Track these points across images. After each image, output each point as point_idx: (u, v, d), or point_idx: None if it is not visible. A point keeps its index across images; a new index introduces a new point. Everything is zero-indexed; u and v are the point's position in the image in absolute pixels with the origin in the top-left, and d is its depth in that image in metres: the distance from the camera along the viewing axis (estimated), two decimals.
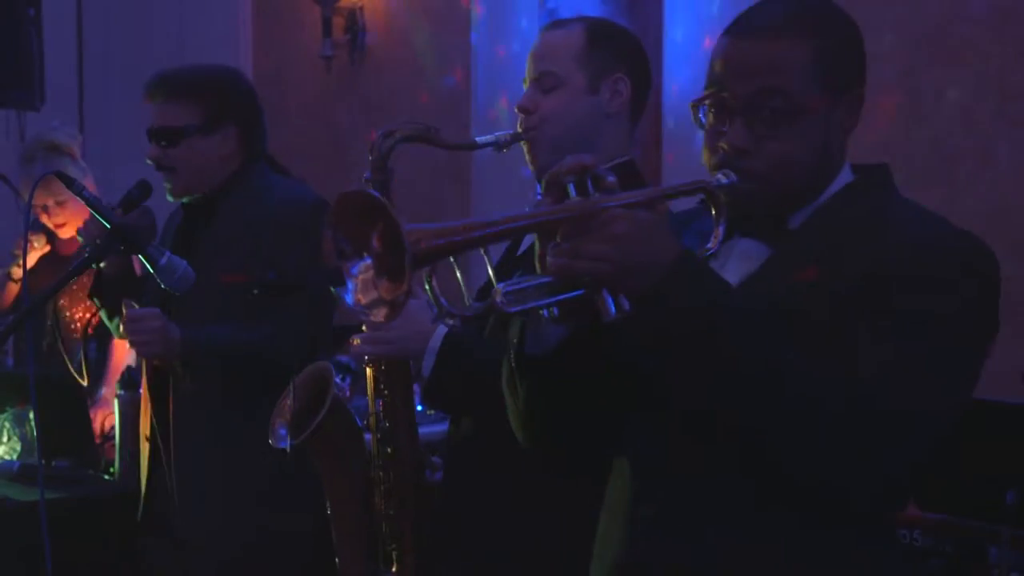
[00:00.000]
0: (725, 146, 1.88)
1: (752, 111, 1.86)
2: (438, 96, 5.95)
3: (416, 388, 2.69)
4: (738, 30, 1.92)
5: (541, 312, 1.78)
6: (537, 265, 1.79)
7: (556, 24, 2.71)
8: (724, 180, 1.87)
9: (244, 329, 3.34)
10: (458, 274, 1.75)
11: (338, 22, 6.25)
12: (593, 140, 2.57)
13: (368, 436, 2.73)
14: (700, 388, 1.78)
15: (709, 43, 4.96)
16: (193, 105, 3.44)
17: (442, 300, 1.70)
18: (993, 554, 3.37)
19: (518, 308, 1.75)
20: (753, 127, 1.87)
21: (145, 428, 3.53)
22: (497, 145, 2.64)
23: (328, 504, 2.79)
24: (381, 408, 2.66)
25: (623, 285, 1.73)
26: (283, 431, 2.74)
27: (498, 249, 2.71)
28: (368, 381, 2.68)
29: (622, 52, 2.64)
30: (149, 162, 3.48)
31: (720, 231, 1.87)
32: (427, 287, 1.70)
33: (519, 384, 1.94)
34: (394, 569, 2.66)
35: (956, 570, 3.34)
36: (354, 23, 6.22)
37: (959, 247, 1.82)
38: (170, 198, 3.52)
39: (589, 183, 1.77)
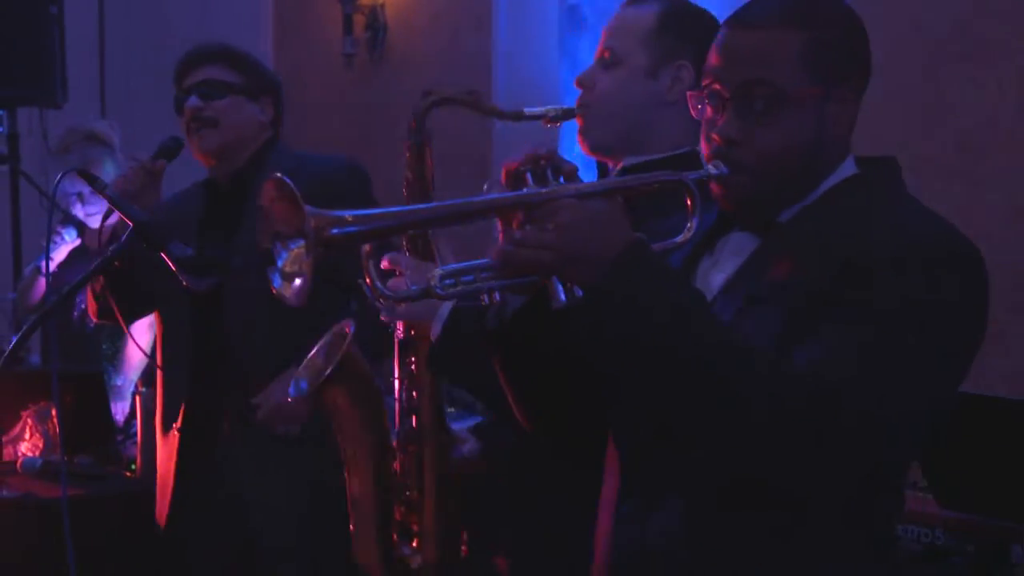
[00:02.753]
0: (716, 136, 1.88)
1: (741, 101, 1.86)
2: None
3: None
4: (734, 22, 1.91)
5: (482, 297, 1.81)
6: None
7: (634, 1, 2.57)
8: (714, 171, 1.87)
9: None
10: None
11: (359, 19, 6.25)
12: (649, 126, 2.49)
13: (390, 403, 2.71)
14: (645, 384, 1.77)
15: None
16: (238, 70, 3.51)
17: (377, 283, 1.76)
18: (1016, 553, 3.35)
19: (455, 292, 1.77)
20: (743, 117, 1.86)
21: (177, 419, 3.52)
22: (545, 118, 2.54)
23: (346, 473, 2.74)
24: (406, 377, 2.63)
25: (567, 275, 1.73)
26: (304, 385, 2.70)
27: None
28: (395, 348, 2.65)
29: (691, 38, 2.50)
30: (186, 114, 3.45)
31: (694, 223, 1.87)
32: (367, 271, 1.76)
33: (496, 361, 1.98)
34: (415, 544, 2.64)
35: (978, 569, 3.32)
36: (375, 20, 6.22)
37: (939, 242, 1.78)
38: (198, 154, 3.50)
39: (549, 172, 1.80)
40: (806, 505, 1.79)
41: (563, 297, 1.74)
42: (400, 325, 2.61)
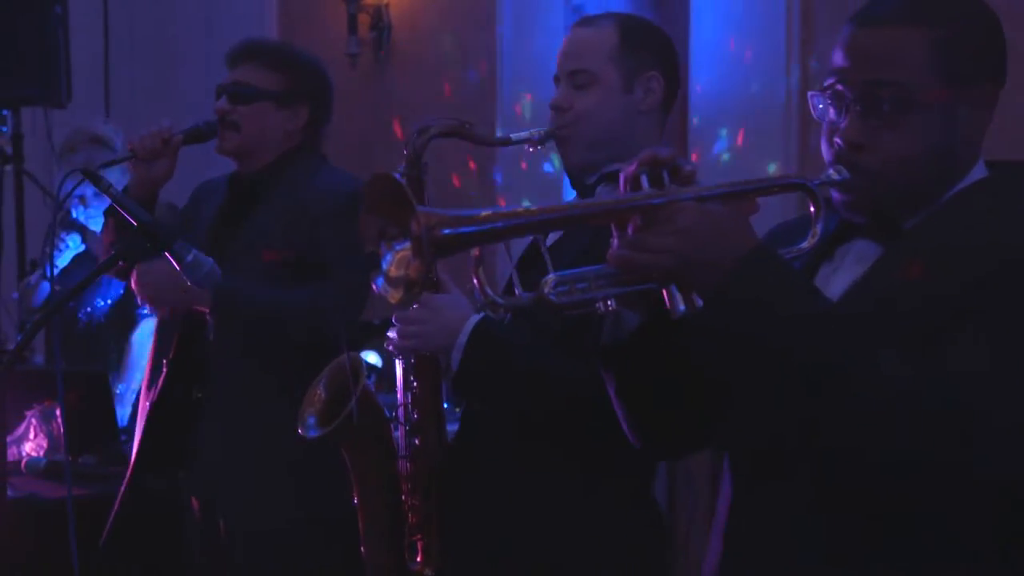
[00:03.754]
0: (840, 140, 1.79)
1: (867, 104, 1.76)
2: (464, 93, 5.94)
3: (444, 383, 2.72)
4: (860, 19, 1.81)
5: (596, 305, 1.70)
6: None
7: (587, 21, 2.70)
8: (836, 177, 1.78)
9: (280, 291, 3.36)
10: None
11: (363, 20, 6.24)
12: (627, 138, 2.57)
13: (396, 429, 2.75)
14: (771, 394, 1.70)
15: (735, 41, 4.94)
16: (276, 74, 3.48)
17: (487, 290, 1.67)
18: None
19: (569, 299, 1.69)
20: (868, 121, 1.77)
21: (152, 393, 3.52)
22: (531, 141, 2.63)
23: (355, 495, 2.80)
24: (410, 400, 2.68)
25: (688, 280, 1.66)
26: (312, 420, 2.75)
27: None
28: (398, 375, 2.70)
29: (655, 50, 2.65)
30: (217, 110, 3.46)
31: (818, 228, 1.78)
32: (477, 276, 1.67)
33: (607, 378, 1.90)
34: (419, 559, 2.67)
35: None
36: (380, 20, 6.21)
37: None
38: (217, 150, 3.52)
39: (666, 176, 1.70)
40: (926, 521, 1.71)
41: (681, 306, 1.67)
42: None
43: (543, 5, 5.77)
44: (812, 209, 1.79)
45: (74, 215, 4.60)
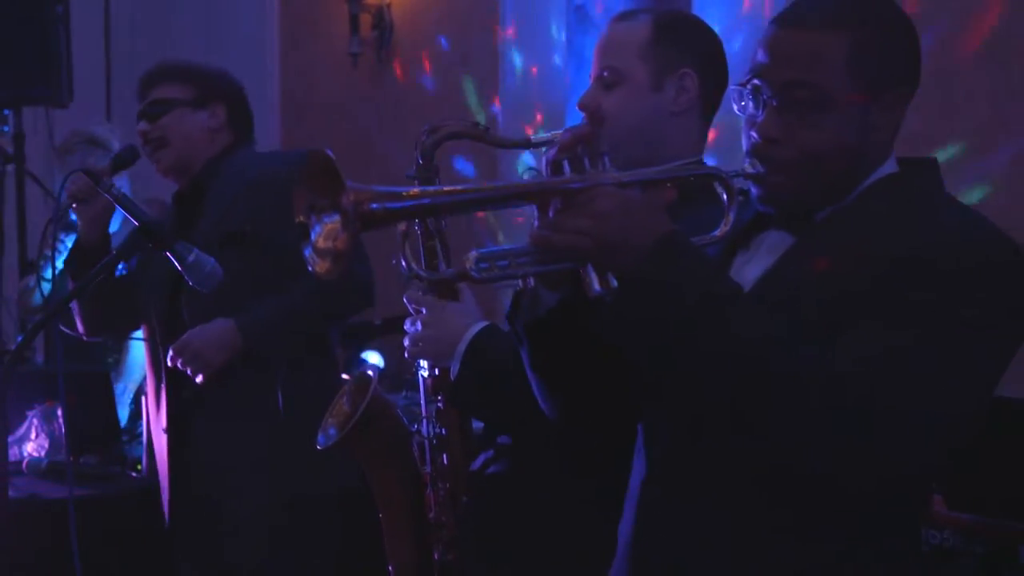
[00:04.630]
0: (755, 133, 1.87)
1: (784, 101, 1.84)
2: (465, 93, 5.94)
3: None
4: (783, 20, 1.89)
5: (516, 282, 1.81)
6: None
7: (623, 16, 2.52)
8: (751, 169, 1.87)
9: (279, 297, 3.40)
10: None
11: (365, 19, 6.24)
12: (658, 140, 2.42)
13: (417, 439, 2.70)
14: (679, 375, 1.77)
15: (736, 39, 4.93)
16: (183, 84, 3.58)
17: (413, 264, 1.77)
18: None
19: (490, 276, 1.77)
20: (784, 117, 1.84)
21: (162, 420, 3.54)
22: (552, 144, 2.51)
23: (377, 505, 2.76)
24: (435, 414, 2.63)
25: (603, 262, 1.74)
26: (333, 431, 2.74)
27: None
28: (421, 387, 2.66)
29: (690, 46, 2.47)
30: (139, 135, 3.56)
31: (731, 217, 1.86)
32: (402, 250, 1.77)
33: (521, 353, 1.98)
34: None
35: (986, 570, 3.32)
36: (381, 20, 6.21)
37: (976, 247, 1.76)
38: (159, 172, 3.61)
39: (587, 162, 1.79)
40: (832, 503, 1.78)
41: (597, 286, 1.74)
42: (426, 364, 2.62)
43: (545, 5, 5.77)
44: (725, 198, 1.87)
45: (72, 216, 4.58)
